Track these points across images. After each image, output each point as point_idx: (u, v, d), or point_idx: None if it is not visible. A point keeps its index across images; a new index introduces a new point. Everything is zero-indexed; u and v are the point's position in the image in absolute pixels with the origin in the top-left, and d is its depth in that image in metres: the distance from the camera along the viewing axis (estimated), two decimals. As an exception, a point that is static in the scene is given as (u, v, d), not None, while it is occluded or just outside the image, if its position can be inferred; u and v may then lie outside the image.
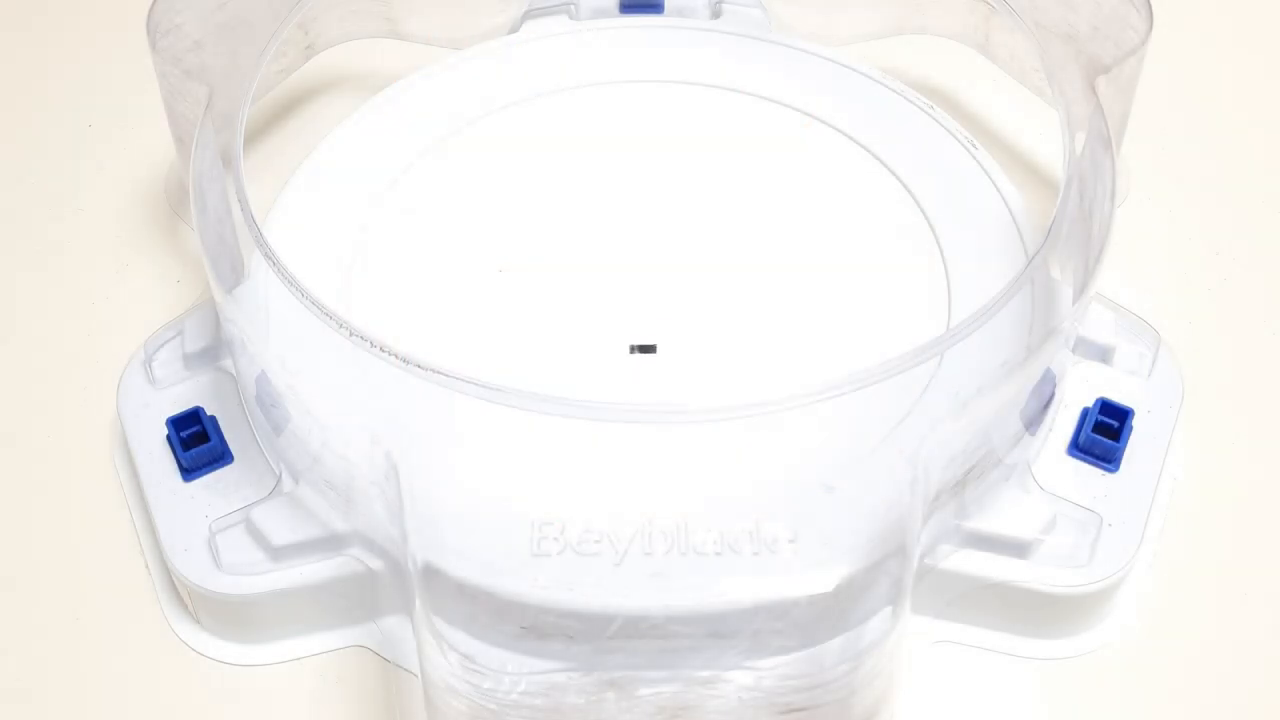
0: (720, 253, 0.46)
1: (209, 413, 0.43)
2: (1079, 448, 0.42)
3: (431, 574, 0.36)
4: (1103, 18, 0.45)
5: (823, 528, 0.38)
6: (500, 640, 0.36)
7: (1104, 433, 0.42)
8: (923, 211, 0.47)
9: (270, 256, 0.39)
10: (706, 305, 0.44)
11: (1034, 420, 0.42)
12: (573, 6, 0.53)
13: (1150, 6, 0.45)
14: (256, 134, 0.53)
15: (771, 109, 0.50)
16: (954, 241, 0.46)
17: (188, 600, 0.42)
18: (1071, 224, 0.42)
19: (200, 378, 0.44)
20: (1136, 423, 0.43)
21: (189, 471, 0.42)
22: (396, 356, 0.37)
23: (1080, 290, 0.40)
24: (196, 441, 0.42)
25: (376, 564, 0.40)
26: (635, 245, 0.46)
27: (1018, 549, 0.40)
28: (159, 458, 0.42)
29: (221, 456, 0.42)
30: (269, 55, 0.46)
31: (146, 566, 0.43)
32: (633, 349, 0.42)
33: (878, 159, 0.48)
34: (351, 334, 0.37)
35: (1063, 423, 0.43)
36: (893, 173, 0.48)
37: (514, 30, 0.53)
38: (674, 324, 0.44)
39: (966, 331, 0.38)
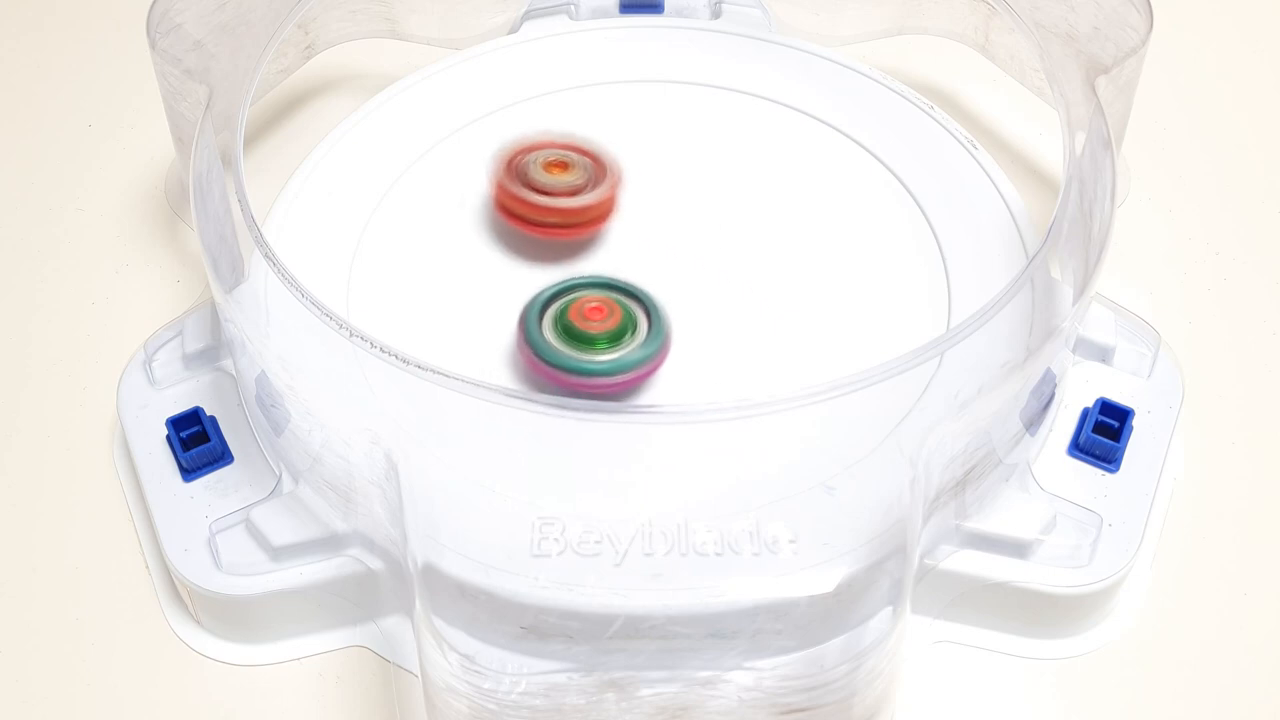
0: (720, 253, 0.46)
1: (209, 413, 0.43)
2: (1079, 448, 0.42)
3: (431, 574, 0.36)
4: (1103, 18, 0.45)
5: (823, 528, 0.38)
6: (500, 640, 0.36)
7: (1104, 433, 0.42)
8: (923, 211, 0.47)
9: (270, 256, 0.39)
10: (707, 305, 0.44)
11: (1034, 420, 0.42)
12: (573, 6, 0.53)
13: (1150, 6, 0.45)
14: (256, 134, 0.53)
15: (771, 109, 0.50)
16: (954, 241, 0.46)
17: (188, 600, 0.42)
18: (1071, 224, 0.42)
19: (200, 378, 0.44)
20: (1136, 423, 0.43)
21: (189, 471, 0.42)
22: (396, 356, 0.37)
23: (1080, 290, 0.40)
24: (196, 441, 0.42)
25: (376, 564, 0.40)
26: (635, 245, 0.46)
27: (1018, 549, 0.40)
28: (159, 458, 0.42)
29: (221, 456, 0.42)
30: (269, 55, 0.46)
31: (146, 566, 0.43)
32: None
33: (878, 159, 0.48)
34: (351, 334, 0.37)
35: (1063, 423, 0.43)
36: (893, 173, 0.48)
37: (514, 30, 0.53)
38: (674, 323, 0.44)
39: (966, 331, 0.38)
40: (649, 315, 0.42)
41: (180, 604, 0.42)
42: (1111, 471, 0.42)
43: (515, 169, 0.45)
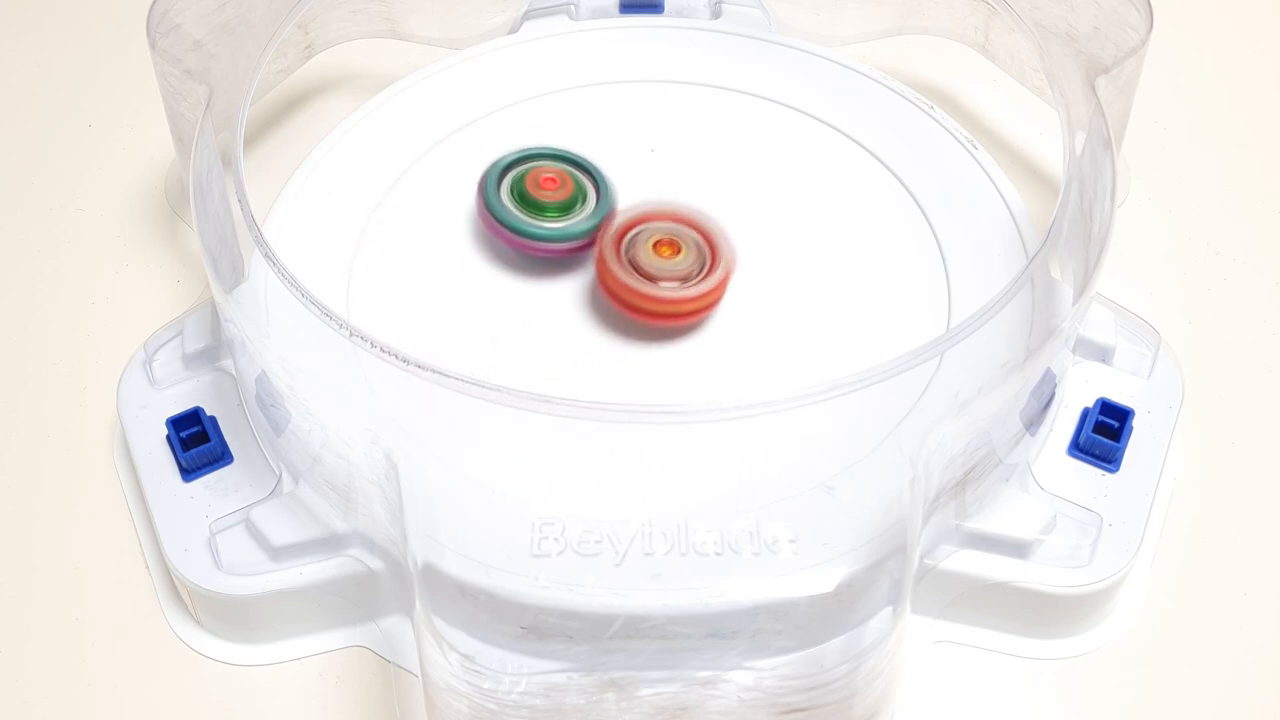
0: (720, 253, 0.46)
1: (209, 413, 0.43)
2: (1079, 448, 0.42)
3: (431, 574, 0.36)
4: (1103, 18, 0.45)
5: (823, 528, 0.38)
6: (500, 640, 0.36)
7: (1104, 433, 0.42)
8: (923, 211, 0.47)
9: (270, 256, 0.39)
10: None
11: (1034, 420, 0.42)
12: (573, 6, 0.53)
13: (1150, 6, 0.45)
14: (256, 134, 0.53)
15: (771, 109, 0.50)
16: (954, 241, 0.46)
17: (188, 600, 0.42)
18: (1071, 224, 0.42)
19: (200, 378, 0.44)
20: (1136, 423, 0.43)
21: (189, 471, 0.42)
22: (396, 356, 0.37)
23: (1080, 290, 0.40)
24: (196, 441, 0.42)
25: (376, 564, 0.40)
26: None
27: (1018, 549, 0.40)
28: (159, 458, 0.42)
29: (221, 456, 0.42)
30: (269, 55, 0.46)
31: (146, 566, 0.43)
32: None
33: (878, 159, 0.48)
34: (351, 334, 0.37)
35: (1063, 423, 0.43)
36: (893, 173, 0.48)
37: (514, 30, 0.53)
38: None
39: (966, 331, 0.38)
40: (598, 189, 0.45)
41: (180, 604, 0.42)
42: (1111, 471, 0.42)
43: (622, 248, 0.43)
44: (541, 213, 0.44)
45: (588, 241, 0.44)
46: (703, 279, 0.43)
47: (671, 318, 0.43)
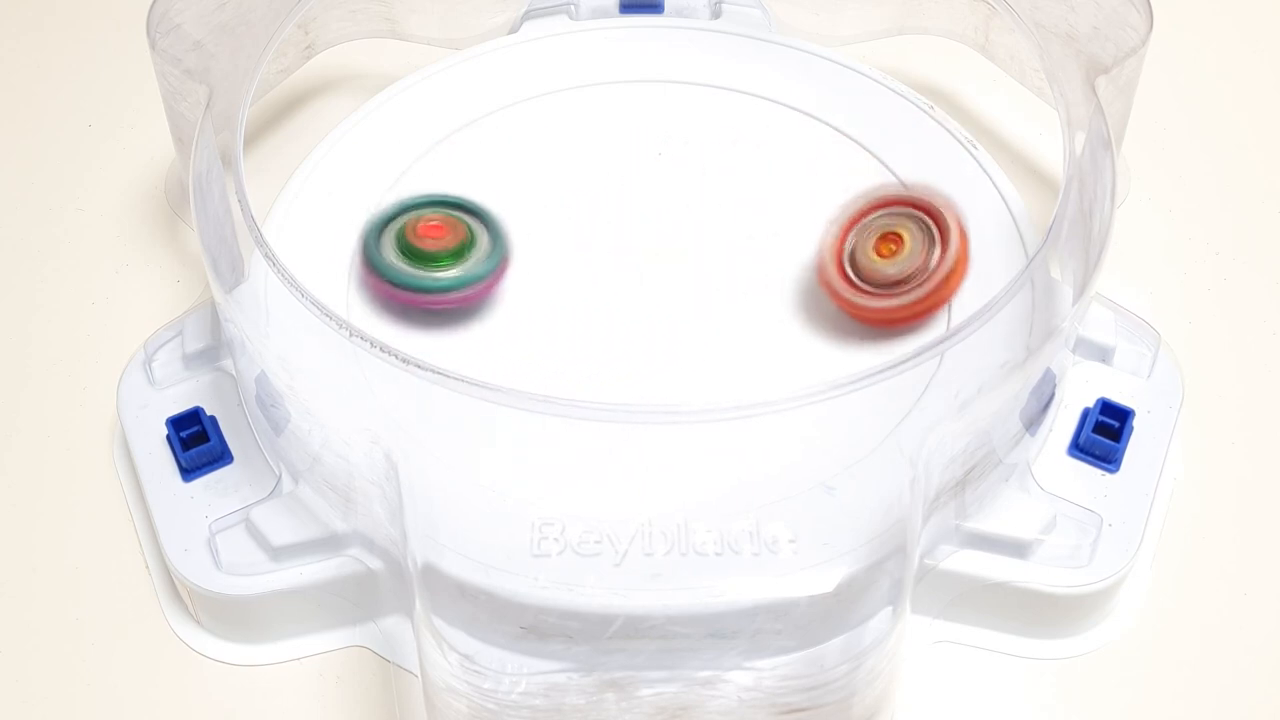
0: (721, 253, 0.46)
1: (209, 413, 0.43)
2: (1079, 448, 0.42)
3: (431, 574, 0.36)
4: (1103, 18, 0.45)
5: (823, 528, 0.38)
6: (500, 640, 0.36)
7: (1104, 433, 0.42)
8: (923, 211, 0.47)
9: (270, 256, 0.39)
10: (707, 305, 0.44)
11: (1034, 420, 0.42)
12: (573, 6, 0.53)
13: (1150, 6, 0.45)
14: (256, 134, 0.53)
15: (771, 109, 0.50)
16: (954, 241, 0.46)
17: (188, 600, 0.42)
18: (1071, 224, 0.42)
19: (200, 378, 0.44)
20: (1136, 423, 0.43)
21: (189, 471, 0.42)
22: (396, 356, 0.37)
23: (1080, 290, 0.40)
24: (196, 441, 0.42)
25: (376, 564, 0.40)
26: (635, 245, 0.46)
27: (1018, 549, 0.40)
28: (159, 458, 0.42)
29: (221, 456, 0.42)
30: (269, 55, 0.46)
31: (146, 566, 0.43)
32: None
33: (878, 159, 0.48)
34: (351, 334, 0.37)
35: (1063, 423, 0.43)
36: (893, 173, 0.48)
37: (514, 30, 0.53)
38: (675, 323, 0.44)
39: (967, 332, 0.38)
40: (489, 230, 0.44)
41: (180, 604, 0.42)
42: (1111, 472, 0.42)
43: (842, 249, 0.43)
44: (434, 263, 0.43)
45: (490, 283, 0.43)
46: (932, 274, 0.42)
47: (905, 321, 0.42)
